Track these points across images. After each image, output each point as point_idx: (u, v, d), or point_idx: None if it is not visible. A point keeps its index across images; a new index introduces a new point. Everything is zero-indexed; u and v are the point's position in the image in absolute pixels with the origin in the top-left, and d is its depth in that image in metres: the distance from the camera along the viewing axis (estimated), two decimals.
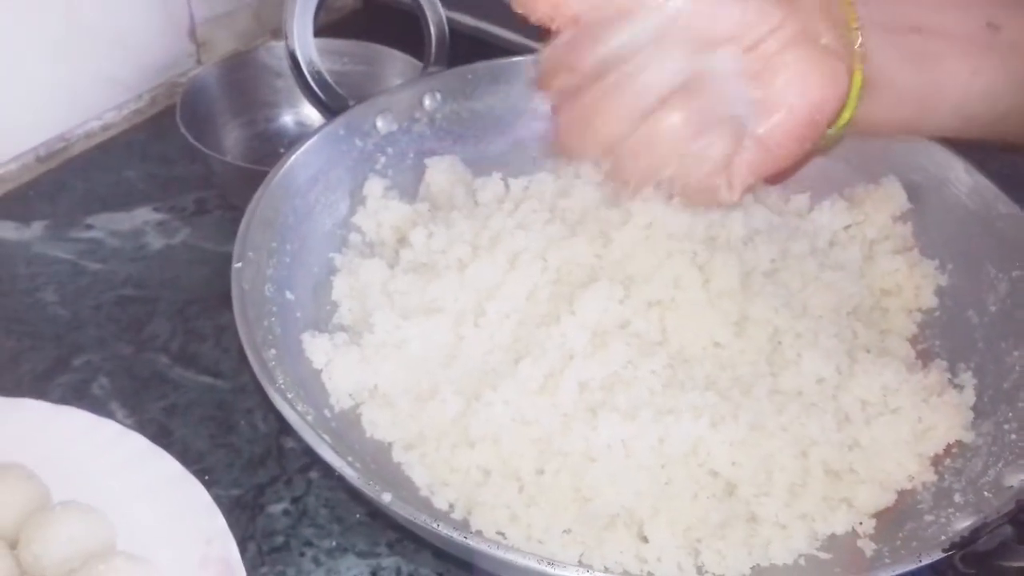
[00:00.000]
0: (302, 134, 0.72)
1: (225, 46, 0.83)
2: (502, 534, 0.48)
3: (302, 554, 0.51)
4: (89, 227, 0.69)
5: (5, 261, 0.66)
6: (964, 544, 0.42)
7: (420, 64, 0.71)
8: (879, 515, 0.49)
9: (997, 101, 0.48)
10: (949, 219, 0.59)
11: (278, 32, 0.85)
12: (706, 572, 0.48)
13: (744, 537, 0.48)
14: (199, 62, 0.82)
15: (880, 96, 0.46)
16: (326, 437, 0.45)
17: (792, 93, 0.43)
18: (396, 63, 0.74)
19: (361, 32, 0.73)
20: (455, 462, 0.50)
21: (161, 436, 0.55)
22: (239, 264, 0.52)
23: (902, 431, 0.51)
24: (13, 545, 0.47)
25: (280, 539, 0.52)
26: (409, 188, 0.64)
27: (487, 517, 0.48)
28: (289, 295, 0.55)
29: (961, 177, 0.59)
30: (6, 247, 0.67)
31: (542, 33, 0.45)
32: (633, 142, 0.44)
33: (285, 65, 0.73)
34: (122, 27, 0.75)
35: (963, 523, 0.44)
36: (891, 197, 0.61)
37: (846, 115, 0.46)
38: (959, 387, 0.53)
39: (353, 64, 0.69)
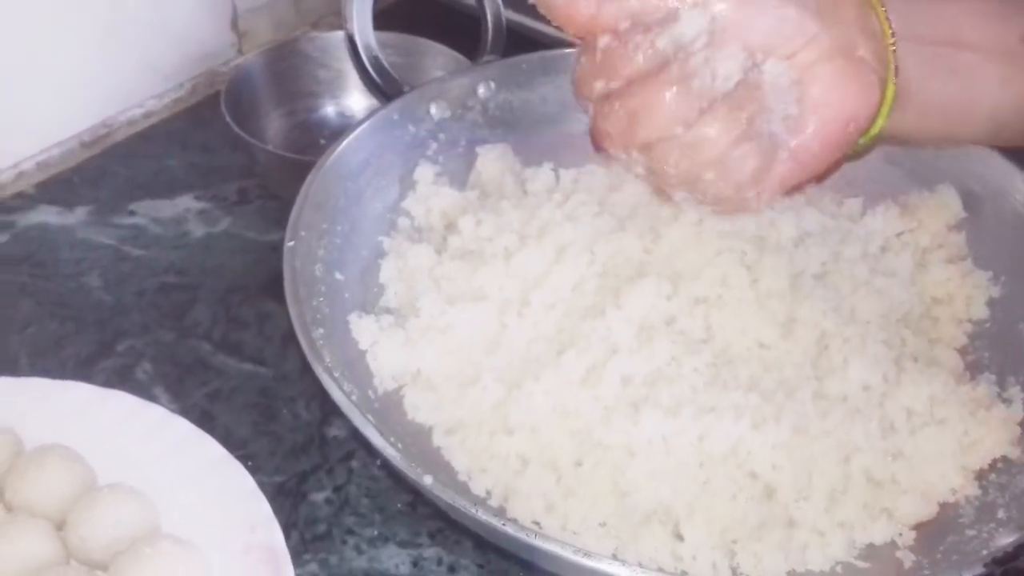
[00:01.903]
0: (344, 125, 0.73)
1: (265, 36, 0.83)
2: (537, 523, 0.48)
3: (344, 542, 0.52)
4: (132, 213, 0.69)
5: (49, 246, 0.67)
6: (1006, 560, 0.42)
7: (461, 57, 0.71)
8: (920, 527, 0.49)
9: None
10: (1005, 230, 0.58)
11: (318, 23, 0.86)
12: (741, 574, 0.47)
13: (781, 541, 0.48)
14: (240, 52, 0.82)
15: (910, 106, 0.46)
16: (370, 418, 0.45)
17: (826, 105, 0.43)
18: (438, 56, 0.74)
19: (403, 24, 0.73)
20: (494, 449, 0.50)
21: (204, 422, 0.55)
22: (291, 243, 0.52)
23: (947, 443, 0.50)
24: (60, 527, 0.48)
25: (322, 527, 0.52)
26: (459, 175, 0.64)
27: (523, 505, 0.48)
28: (338, 276, 0.56)
29: (1019, 187, 0.58)
30: (50, 232, 0.68)
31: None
32: (676, 144, 0.43)
33: (327, 56, 0.74)
34: (166, 16, 0.76)
35: (1006, 539, 0.44)
36: (946, 205, 0.60)
37: (878, 126, 0.46)
38: (1007, 401, 0.53)
39: (395, 56, 0.69)
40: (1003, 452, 0.50)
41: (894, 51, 0.45)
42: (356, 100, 0.76)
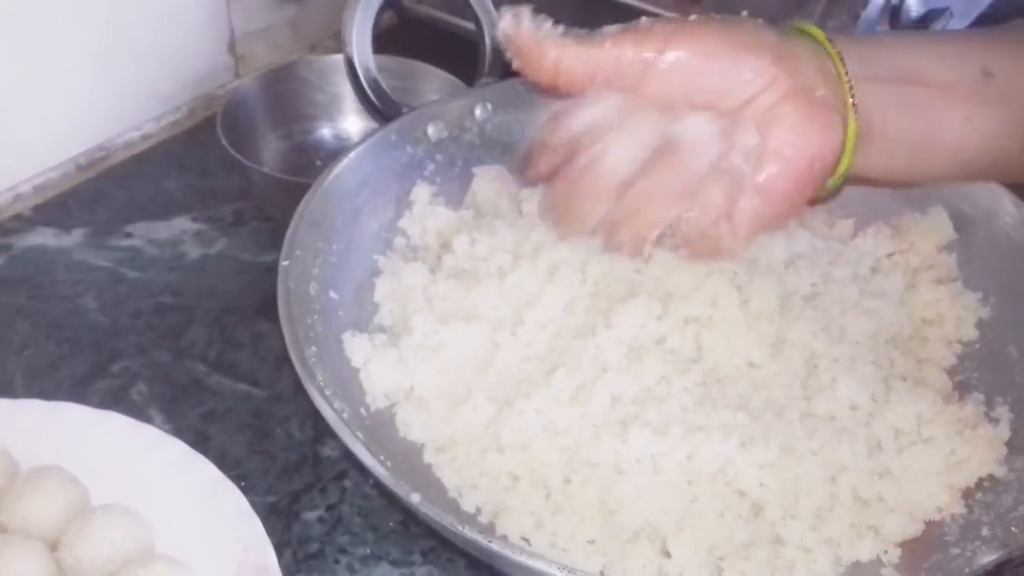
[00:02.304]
0: (340, 147, 0.73)
1: (263, 59, 0.84)
2: (527, 540, 0.49)
3: (336, 561, 0.52)
4: (128, 235, 0.70)
5: (46, 268, 0.67)
6: None
7: (457, 81, 0.72)
8: (905, 544, 0.49)
9: (990, 146, 0.49)
10: (995, 251, 0.59)
11: (315, 46, 0.87)
12: None
13: (768, 559, 0.48)
14: (237, 75, 0.83)
15: (875, 145, 0.47)
16: (360, 435, 0.46)
17: (788, 144, 0.45)
18: (433, 79, 0.74)
19: (398, 48, 0.74)
20: (485, 466, 0.51)
21: (198, 442, 0.56)
22: (286, 262, 0.53)
23: (934, 462, 0.51)
24: (54, 547, 0.48)
25: (315, 546, 0.53)
26: (456, 195, 0.65)
27: (513, 522, 0.49)
28: (333, 294, 0.56)
29: (1009, 210, 0.58)
30: (47, 254, 0.68)
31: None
32: (615, 215, 0.45)
33: (324, 79, 0.75)
34: (163, 40, 0.76)
35: (988, 557, 0.44)
36: (937, 227, 0.61)
37: (843, 165, 0.47)
38: (995, 421, 0.53)
39: (391, 79, 0.70)
40: (989, 471, 0.51)
41: (851, 90, 0.46)
42: (352, 123, 0.77)
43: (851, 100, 0.46)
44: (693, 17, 0.46)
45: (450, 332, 0.55)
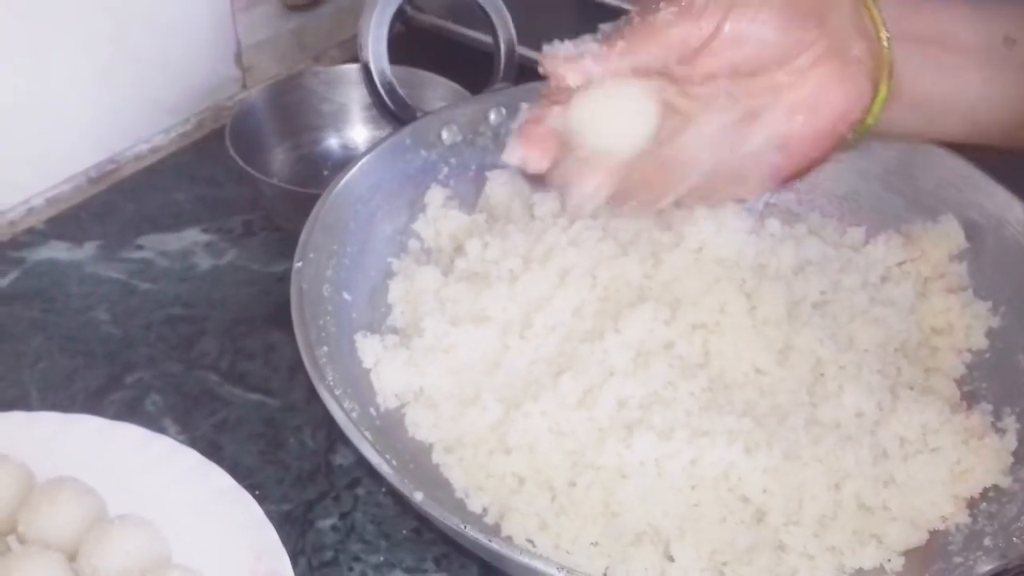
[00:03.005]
0: (347, 157, 0.73)
1: (269, 71, 0.85)
2: (531, 541, 0.49)
3: (351, 569, 0.52)
4: (139, 247, 0.70)
5: (59, 281, 0.67)
6: None
7: (463, 90, 0.72)
8: (908, 553, 0.49)
9: (1006, 112, 0.50)
10: (1006, 261, 0.59)
11: (321, 57, 0.88)
12: None
13: (770, 565, 0.49)
14: (244, 86, 0.83)
15: (896, 103, 0.48)
16: (367, 435, 0.46)
17: (816, 105, 0.45)
18: (438, 87, 0.75)
19: (404, 57, 0.73)
20: (491, 467, 0.52)
21: (212, 452, 0.56)
22: (299, 264, 0.54)
23: (939, 471, 0.51)
24: (72, 558, 0.48)
25: (329, 554, 0.53)
26: (469, 199, 0.65)
27: (518, 523, 0.49)
28: (346, 296, 0.57)
29: (1020, 218, 0.58)
30: (59, 267, 0.69)
31: None
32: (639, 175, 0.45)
33: (331, 89, 0.75)
34: (170, 53, 0.77)
35: (987, 567, 0.44)
36: (949, 235, 0.61)
37: (868, 123, 0.47)
38: (1001, 431, 0.53)
39: (399, 88, 0.70)
40: (994, 481, 0.51)
41: (888, 52, 0.46)
42: (359, 132, 0.77)
43: (888, 62, 0.46)
44: None
45: (461, 334, 0.56)
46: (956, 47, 0.49)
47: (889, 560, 0.49)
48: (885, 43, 0.46)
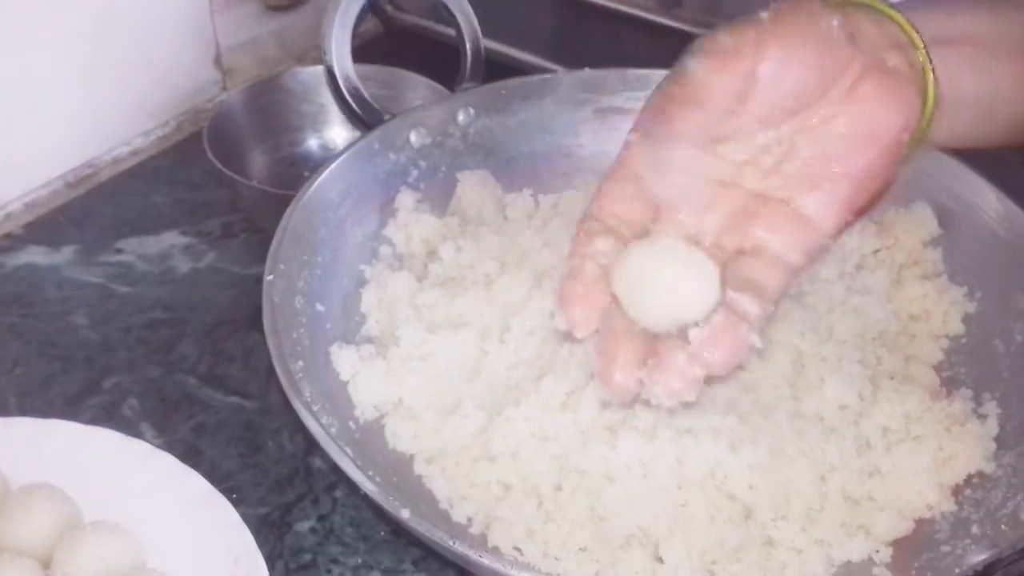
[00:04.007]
0: (327, 158, 0.72)
1: (249, 72, 0.84)
2: (519, 549, 0.49)
3: (329, 571, 0.52)
4: (118, 251, 0.70)
5: (36, 285, 0.67)
6: None
7: (441, 88, 0.72)
8: (896, 543, 0.49)
9: None
10: (979, 246, 0.59)
11: (302, 58, 0.87)
12: None
13: (759, 561, 0.48)
14: (224, 88, 0.83)
15: (943, 107, 0.46)
16: (348, 451, 0.46)
17: (871, 123, 0.44)
18: (418, 87, 0.74)
19: (383, 57, 0.74)
20: (475, 476, 0.51)
21: (190, 456, 0.56)
22: (270, 277, 0.53)
23: (923, 459, 0.51)
24: (46, 564, 0.48)
25: (307, 557, 0.53)
26: (440, 201, 0.65)
27: (505, 532, 0.49)
28: (319, 307, 0.56)
29: (992, 204, 0.58)
30: (37, 272, 0.68)
31: None
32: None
33: (310, 90, 0.75)
34: (149, 55, 0.76)
35: (979, 556, 0.44)
36: (922, 222, 0.61)
37: (923, 130, 0.46)
38: (983, 417, 0.53)
39: (376, 88, 0.70)
40: (978, 467, 0.51)
41: (928, 55, 0.45)
42: (338, 133, 0.77)
43: (930, 66, 0.45)
44: (761, 15, 0.44)
45: (438, 341, 0.55)
46: (979, 43, 0.48)
47: (877, 551, 0.49)
48: (922, 46, 0.45)
